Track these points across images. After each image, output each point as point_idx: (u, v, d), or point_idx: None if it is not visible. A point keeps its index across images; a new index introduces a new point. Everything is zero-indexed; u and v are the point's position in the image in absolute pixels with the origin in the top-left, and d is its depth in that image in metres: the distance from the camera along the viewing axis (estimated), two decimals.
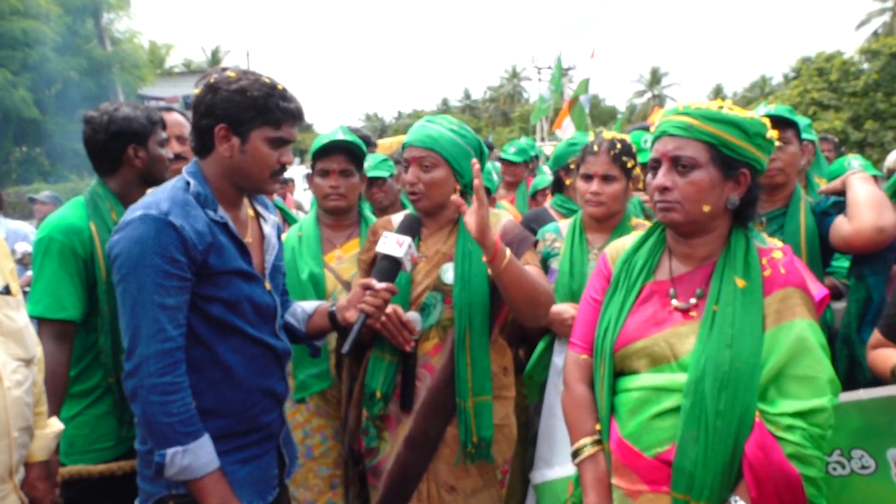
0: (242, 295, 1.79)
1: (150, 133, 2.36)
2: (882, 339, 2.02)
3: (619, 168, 2.49)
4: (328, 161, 2.64)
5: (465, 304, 2.15)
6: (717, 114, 1.63)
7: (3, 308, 1.69)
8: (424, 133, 2.22)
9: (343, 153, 2.64)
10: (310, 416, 2.63)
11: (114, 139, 2.32)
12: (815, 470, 1.51)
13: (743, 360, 1.55)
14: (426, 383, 2.21)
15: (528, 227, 2.87)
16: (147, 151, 2.36)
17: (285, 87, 1.81)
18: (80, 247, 2.20)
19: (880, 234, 2.19)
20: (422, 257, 2.25)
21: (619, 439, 1.67)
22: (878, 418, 1.81)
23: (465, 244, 2.20)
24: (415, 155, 2.21)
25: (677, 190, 1.63)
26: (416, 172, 2.20)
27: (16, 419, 1.64)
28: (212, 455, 1.70)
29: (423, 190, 2.20)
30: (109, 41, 20.10)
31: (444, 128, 2.22)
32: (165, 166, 2.42)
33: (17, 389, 1.65)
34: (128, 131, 2.33)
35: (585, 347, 1.82)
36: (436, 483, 2.19)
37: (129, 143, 2.33)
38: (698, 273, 1.71)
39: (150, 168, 2.38)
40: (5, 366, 1.64)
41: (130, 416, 2.22)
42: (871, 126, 22.47)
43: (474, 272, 2.18)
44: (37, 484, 1.75)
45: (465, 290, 2.16)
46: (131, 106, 2.42)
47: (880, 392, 1.83)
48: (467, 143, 2.22)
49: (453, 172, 2.21)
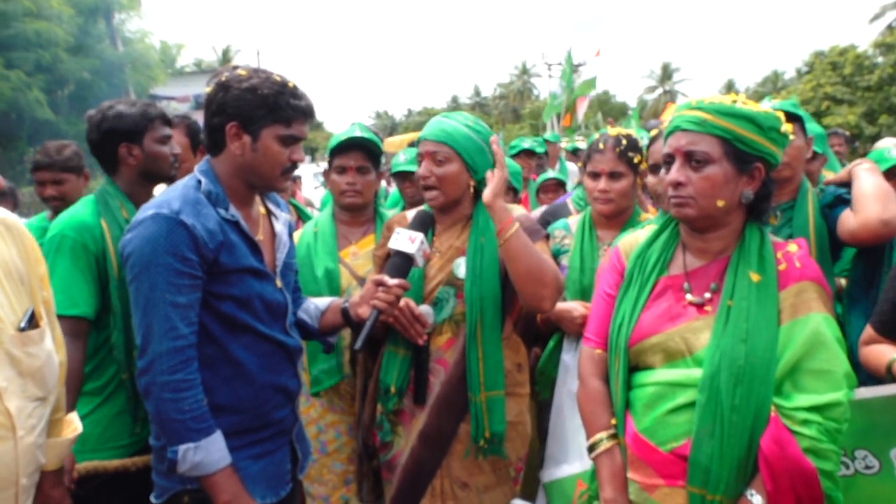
0: (254, 293, 1.80)
1: (144, 130, 2.32)
2: (874, 334, 1.99)
3: (626, 164, 2.47)
4: (345, 158, 2.66)
5: (477, 298, 2.15)
6: (730, 108, 1.62)
7: (26, 345, 1.55)
8: (439, 128, 2.22)
9: (360, 150, 2.65)
10: (324, 412, 2.65)
11: (106, 137, 2.32)
12: (830, 464, 1.50)
13: (758, 355, 1.55)
14: (440, 378, 2.21)
15: (545, 222, 2.87)
16: (142, 149, 2.33)
17: (296, 85, 1.81)
18: (92, 243, 2.22)
19: (885, 227, 2.17)
20: (435, 252, 2.26)
21: (634, 434, 1.67)
22: (880, 418, 1.80)
23: (478, 239, 2.20)
24: (428, 149, 2.21)
25: (691, 185, 1.63)
26: (428, 166, 2.20)
27: (26, 466, 1.58)
28: (223, 451, 1.71)
29: (436, 184, 2.20)
30: (121, 41, 20.23)
31: (458, 123, 2.22)
32: (168, 163, 2.38)
33: (30, 436, 1.57)
34: (119, 129, 2.32)
35: (600, 342, 1.82)
36: (449, 479, 2.20)
37: (122, 141, 2.32)
38: (712, 267, 1.70)
39: (147, 166, 2.35)
40: (21, 412, 1.55)
41: (144, 413, 2.23)
42: (885, 120, 22.25)
43: (486, 266, 2.18)
44: (51, 493, 1.73)
45: (476, 284, 2.16)
46: (128, 103, 2.38)
47: (882, 391, 1.82)
48: (482, 138, 2.22)
49: (466, 167, 2.20)
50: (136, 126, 2.32)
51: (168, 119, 2.44)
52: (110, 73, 19.61)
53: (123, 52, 20.05)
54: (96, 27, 19.98)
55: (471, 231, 2.23)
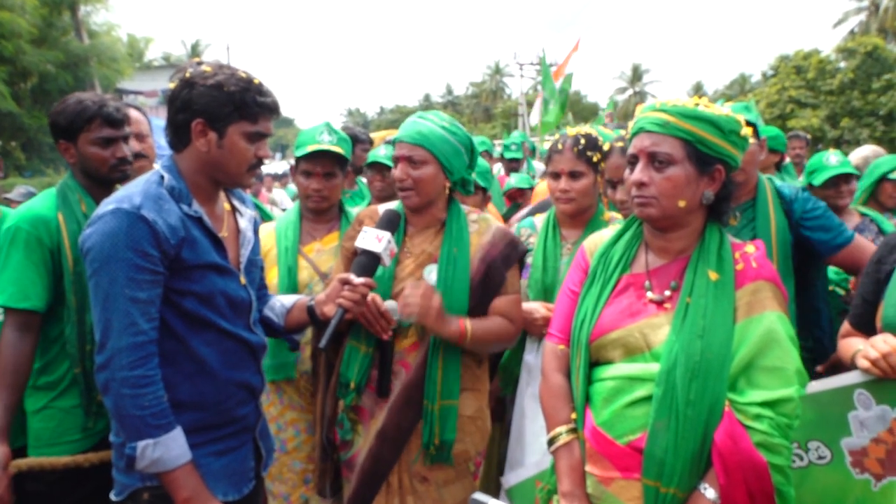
0: (216, 289, 1.79)
1: (79, 129, 2.25)
2: (850, 329, 2.07)
3: (586, 163, 2.50)
4: (312, 164, 2.63)
5: (446, 309, 2.15)
6: (693, 111, 1.65)
7: None
8: (415, 129, 2.21)
9: (327, 157, 2.63)
10: (283, 410, 2.64)
11: (51, 133, 2.29)
12: (781, 458, 1.54)
13: (714, 351, 1.58)
14: (401, 379, 2.22)
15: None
16: (76, 149, 2.28)
17: (261, 82, 1.80)
18: (47, 237, 2.19)
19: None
20: (407, 254, 2.26)
21: (593, 427, 1.69)
22: (830, 409, 1.85)
23: (451, 249, 2.21)
24: (404, 152, 2.21)
25: (654, 185, 1.66)
26: (405, 168, 2.20)
27: None
28: (183, 448, 1.70)
29: (412, 186, 2.20)
30: (87, 34, 19.79)
31: (434, 124, 2.22)
32: (108, 165, 2.29)
33: None
34: (56, 126, 2.28)
35: (563, 338, 1.84)
36: (408, 474, 2.21)
37: (59, 138, 2.28)
38: (673, 266, 1.74)
39: (84, 165, 2.29)
40: None
41: (98, 407, 2.22)
42: (847, 123, 22.74)
43: (457, 277, 2.19)
44: None
45: (446, 295, 2.16)
46: (76, 99, 2.30)
47: (830, 383, 1.87)
48: (458, 140, 2.23)
49: (442, 169, 2.21)
50: (72, 125, 2.26)
51: (115, 120, 2.30)
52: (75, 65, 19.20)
53: (89, 44, 19.62)
54: (61, 19, 19.53)
55: (444, 239, 2.24)
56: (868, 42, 23.77)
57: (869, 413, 1.82)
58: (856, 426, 1.84)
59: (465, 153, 2.25)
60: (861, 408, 1.83)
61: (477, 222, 2.31)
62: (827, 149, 5.54)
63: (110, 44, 21.29)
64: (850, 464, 1.85)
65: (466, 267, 2.20)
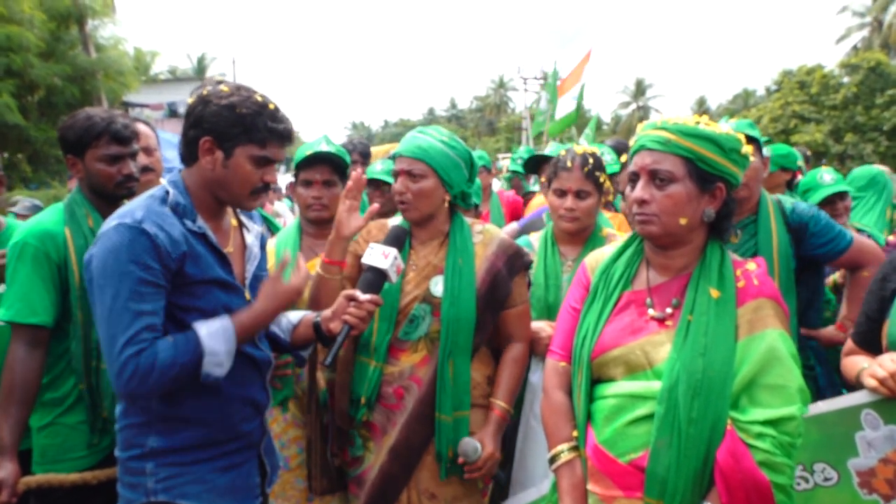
0: (220, 305, 1.79)
1: (86, 146, 2.27)
2: (854, 346, 2.07)
3: (593, 183, 2.51)
4: (311, 172, 2.64)
5: (453, 320, 2.17)
6: (694, 129, 1.66)
7: None
8: (415, 144, 2.24)
9: (326, 164, 2.64)
10: (287, 427, 2.63)
11: (60, 147, 2.31)
12: (784, 477, 1.53)
13: (716, 369, 1.58)
14: (413, 395, 2.22)
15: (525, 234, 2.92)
16: (83, 164, 2.29)
17: (277, 107, 1.81)
18: (54, 252, 2.19)
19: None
20: (412, 267, 2.27)
21: (594, 445, 1.69)
22: (836, 430, 1.84)
23: (456, 259, 2.22)
24: (404, 167, 2.23)
25: (655, 203, 1.67)
26: (404, 182, 2.23)
27: None
28: (214, 324, 1.73)
29: (411, 200, 2.22)
30: (94, 48, 19.92)
31: (434, 139, 2.24)
32: (112, 182, 2.30)
33: None
34: (65, 140, 2.29)
35: (564, 355, 1.85)
36: (416, 491, 2.20)
37: (67, 153, 2.30)
38: (674, 283, 1.74)
39: (91, 181, 2.30)
40: None
41: (102, 423, 2.22)
42: (850, 139, 22.77)
43: (463, 288, 2.20)
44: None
45: (453, 305, 2.17)
46: (86, 114, 2.32)
47: (836, 404, 1.87)
48: (457, 154, 2.25)
49: (442, 183, 2.23)
50: (80, 140, 2.27)
51: (123, 137, 2.31)
52: (82, 79, 19.31)
53: (96, 58, 19.73)
54: (69, 33, 19.67)
55: (448, 250, 2.25)
56: (871, 57, 23.84)
57: (877, 433, 1.81)
58: (863, 446, 1.83)
59: (465, 167, 2.27)
60: (868, 428, 1.82)
61: (481, 233, 2.33)
62: (831, 164, 5.53)
63: (117, 57, 21.39)
64: (857, 485, 1.84)
65: (472, 277, 2.21)
